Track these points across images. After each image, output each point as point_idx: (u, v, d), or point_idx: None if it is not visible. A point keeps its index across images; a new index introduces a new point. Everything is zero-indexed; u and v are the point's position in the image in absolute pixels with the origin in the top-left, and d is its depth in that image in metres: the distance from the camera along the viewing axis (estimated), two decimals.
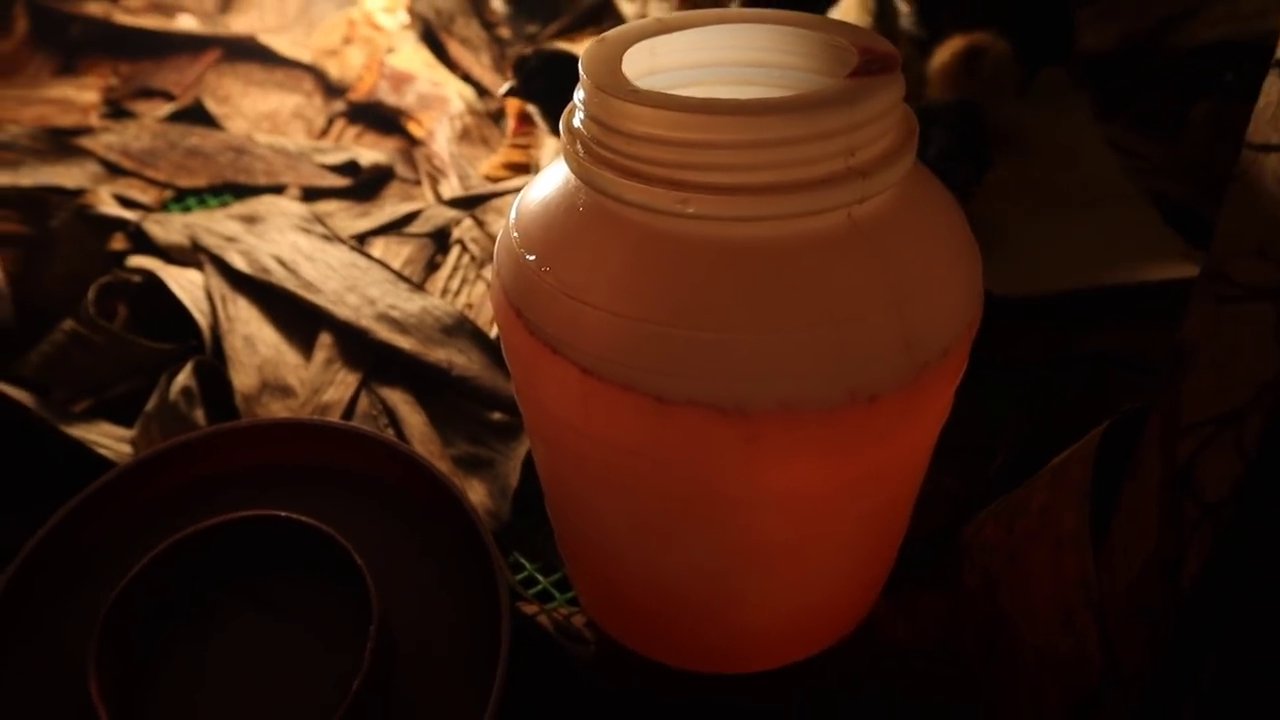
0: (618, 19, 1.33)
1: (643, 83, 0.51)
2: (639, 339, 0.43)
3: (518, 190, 0.98)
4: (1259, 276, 0.32)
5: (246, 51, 1.31)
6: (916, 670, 0.59)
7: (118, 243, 0.93)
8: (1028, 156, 1.04)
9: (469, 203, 0.95)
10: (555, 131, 0.93)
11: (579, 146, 0.46)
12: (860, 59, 0.45)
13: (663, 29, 0.51)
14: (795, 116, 0.41)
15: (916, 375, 0.44)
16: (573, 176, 0.47)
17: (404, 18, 1.25)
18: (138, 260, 0.89)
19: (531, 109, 0.89)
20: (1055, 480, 0.54)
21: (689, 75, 0.53)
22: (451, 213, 0.95)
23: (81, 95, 1.18)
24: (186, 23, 1.33)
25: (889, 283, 0.44)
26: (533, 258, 0.47)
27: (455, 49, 1.30)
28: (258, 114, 1.21)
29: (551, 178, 0.51)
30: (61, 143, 1.11)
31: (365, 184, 1.06)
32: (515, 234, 0.50)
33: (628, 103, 0.43)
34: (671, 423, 0.44)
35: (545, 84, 0.87)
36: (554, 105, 0.90)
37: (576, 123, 0.47)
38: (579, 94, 0.48)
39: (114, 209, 0.93)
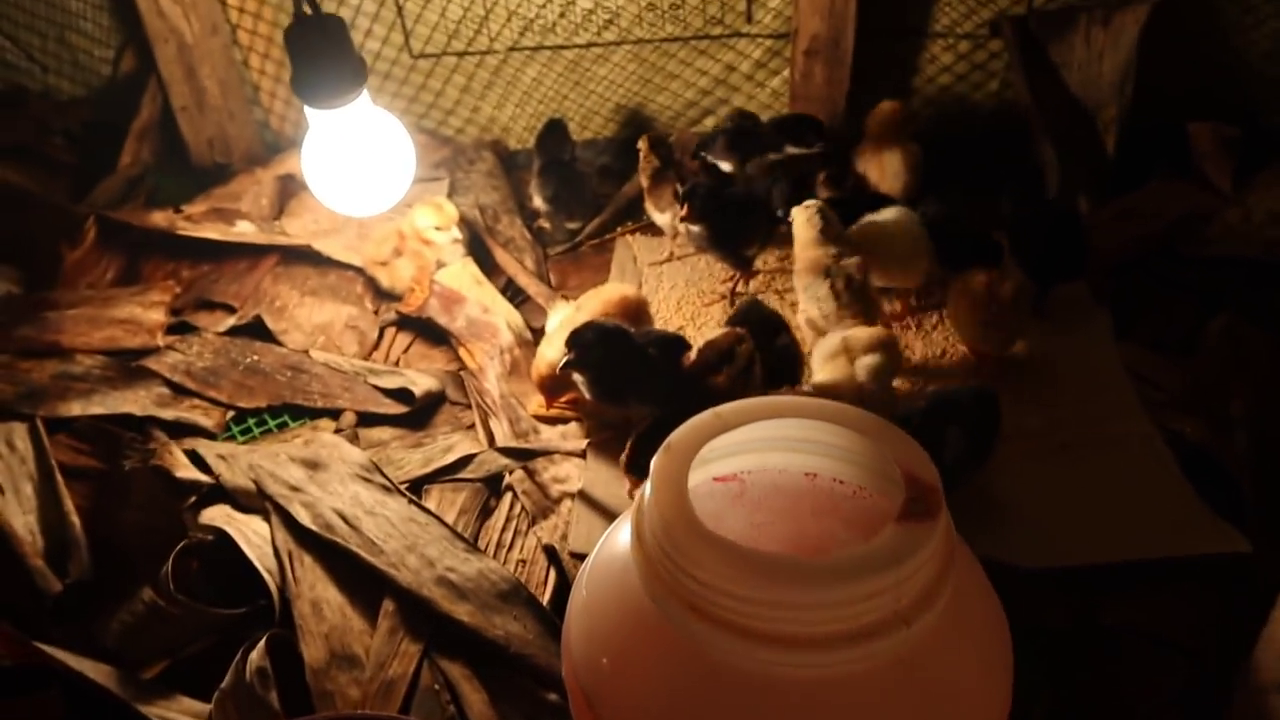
0: (650, 218, 1.39)
1: (706, 460, 0.56)
2: None
3: (567, 453, 1.02)
4: None
5: (301, 256, 1.38)
6: None
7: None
8: (1050, 387, 1.09)
9: (520, 454, 1.01)
10: (598, 398, 0.97)
11: (648, 563, 0.50)
12: (906, 491, 0.50)
13: (723, 426, 0.56)
14: (850, 581, 0.46)
15: None
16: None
17: (455, 234, 1.31)
18: (209, 515, 0.94)
19: (579, 377, 0.95)
20: None
21: (747, 446, 0.59)
22: (504, 460, 1.00)
23: (148, 315, 1.25)
24: (245, 228, 1.40)
25: (929, 703, 0.48)
26: (605, 660, 0.52)
27: (500, 254, 1.36)
28: (313, 326, 1.27)
29: (619, 554, 0.56)
30: (128, 367, 1.18)
31: (418, 411, 1.11)
32: (587, 619, 0.55)
33: (694, 544, 0.48)
34: None
35: (600, 354, 0.93)
36: (603, 375, 0.95)
37: (646, 531, 0.52)
38: (647, 489, 0.53)
39: (189, 472, 0.99)
